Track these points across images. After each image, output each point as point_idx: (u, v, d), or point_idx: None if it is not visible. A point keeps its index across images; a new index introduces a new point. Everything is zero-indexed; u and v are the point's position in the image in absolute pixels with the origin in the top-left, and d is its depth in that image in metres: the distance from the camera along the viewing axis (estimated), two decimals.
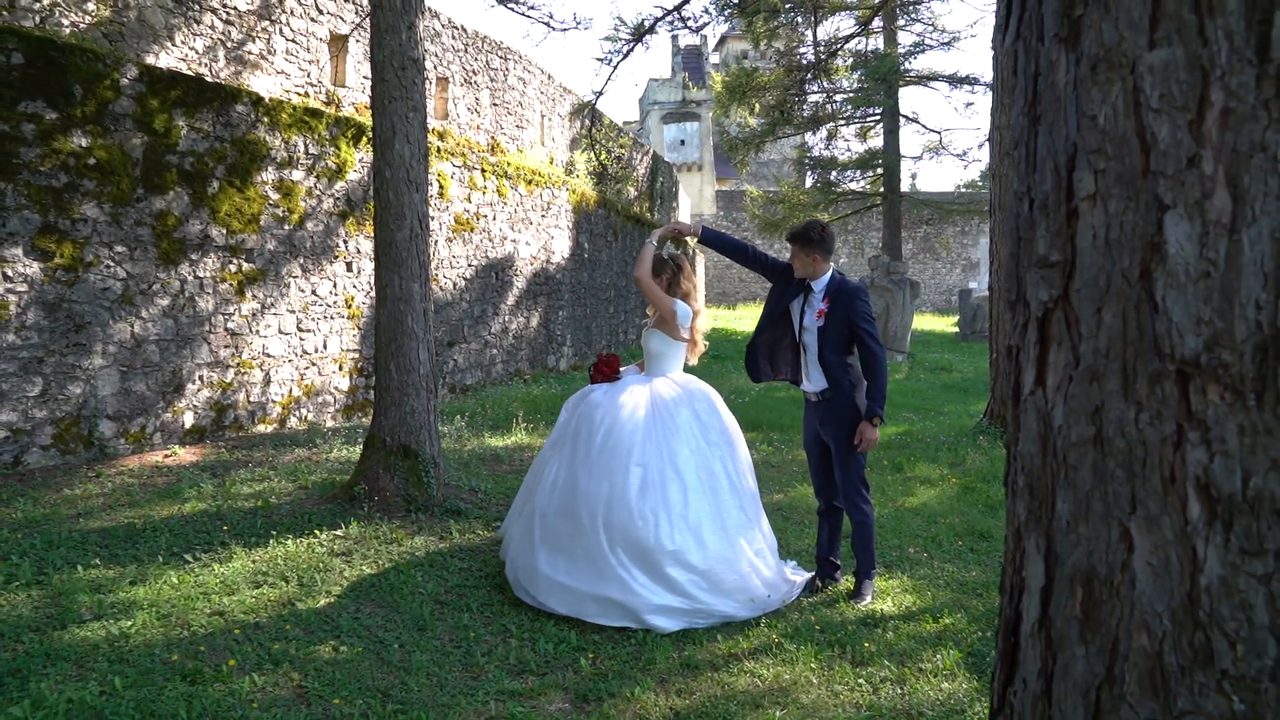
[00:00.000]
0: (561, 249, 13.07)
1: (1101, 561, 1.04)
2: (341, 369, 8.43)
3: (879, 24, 20.02)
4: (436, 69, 10.47)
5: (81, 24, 6.42)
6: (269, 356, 7.61)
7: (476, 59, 11.34)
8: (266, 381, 7.59)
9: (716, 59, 45.03)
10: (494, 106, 11.79)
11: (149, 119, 6.46)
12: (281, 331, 7.74)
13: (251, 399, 7.45)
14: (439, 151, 9.77)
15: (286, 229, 7.73)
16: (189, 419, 6.90)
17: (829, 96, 21.55)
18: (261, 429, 7.54)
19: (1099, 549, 1.04)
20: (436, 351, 8.44)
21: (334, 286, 8.31)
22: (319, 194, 8.07)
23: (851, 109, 21.90)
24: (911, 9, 20.38)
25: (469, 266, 10.53)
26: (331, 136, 8.16)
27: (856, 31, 19.23)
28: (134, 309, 6.43)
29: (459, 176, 10.24)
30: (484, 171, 10.75)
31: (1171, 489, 0.97)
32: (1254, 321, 0.91)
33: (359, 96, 9.06)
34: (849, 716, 3.16)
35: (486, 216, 10.84)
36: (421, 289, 5.53)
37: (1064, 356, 1.09)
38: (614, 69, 12.30)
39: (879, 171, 22.18)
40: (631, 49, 12.07)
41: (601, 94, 12.89)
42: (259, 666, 3.32)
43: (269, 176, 7.52)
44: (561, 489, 4.07)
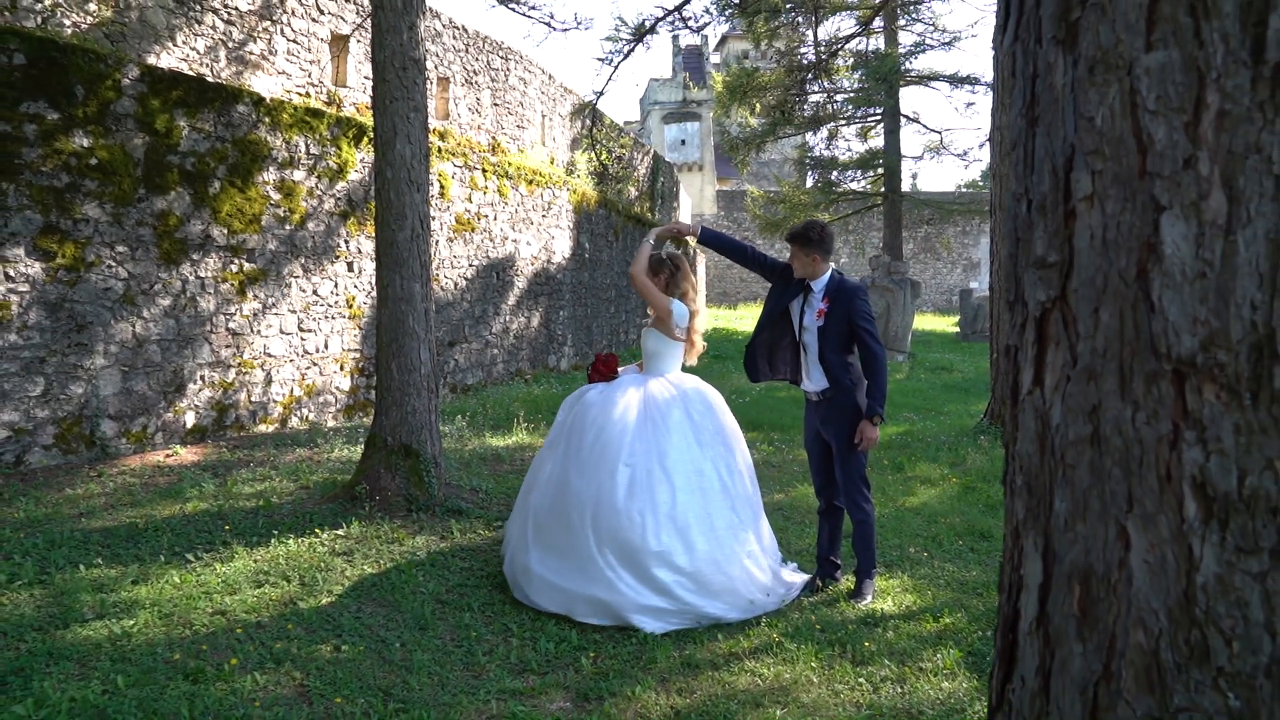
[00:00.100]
0: (562, 249, 13.08)
1: (1099, 559, 1.05)
2: (343, 369, 8.44)
3: (880, 24, 20.03)
4: (437, 69, 10.48)
5: (83, 24, 6.43)
6: (270, 356, 7.62)
7: (477, 59, 11.35)
8: (268, 381, 7.60)
9: (717, 59, 45.03)
10: (495, 106, 11.80)
11: (150, 119, 6.47)
12: (283, 331, 7.75)
13: (253, 399, 7.46)
14: (440, 152, 9.78)
15: (288, 229, 7.74)
16: (190, 419, 6.91)
17: (830, 96, 21.56)
18: (263, 429, 7.55)
19: (1096, 547, 1.05)
20: (437, 351, 8.45)
21: (335, 286, 8.32)
22: (320, 194, 8.08)
23: (852, 109, 21.91)
24: (912, 9, 20.37)
25: (470, 266, 10.54)
26: (333, 136, 8.17)
27: (857, 31, 19.23)
28: (135, 309, 6.44)
29: (460, 176, 10.25)
30: (485, 171, 10.76)
31: (1168, 488, 0.98)
32: (1249, 321, 0.92)
33: (360, 97, 9.07)
34: (849, 715, 3.16)
35: (487, 216, 10.85)
36: (423, 289, 5.54)
37: (1062, 356, 1.10)
38: (615, 69, 12.31)
39: (880, 171, 22.18)
40: (632, 49, 12.08)
41: (602, 94, 12.90)
42: (261, 665, 3.33)
43: (270, 177, 7.54)
44: (554, 488, 4.08)
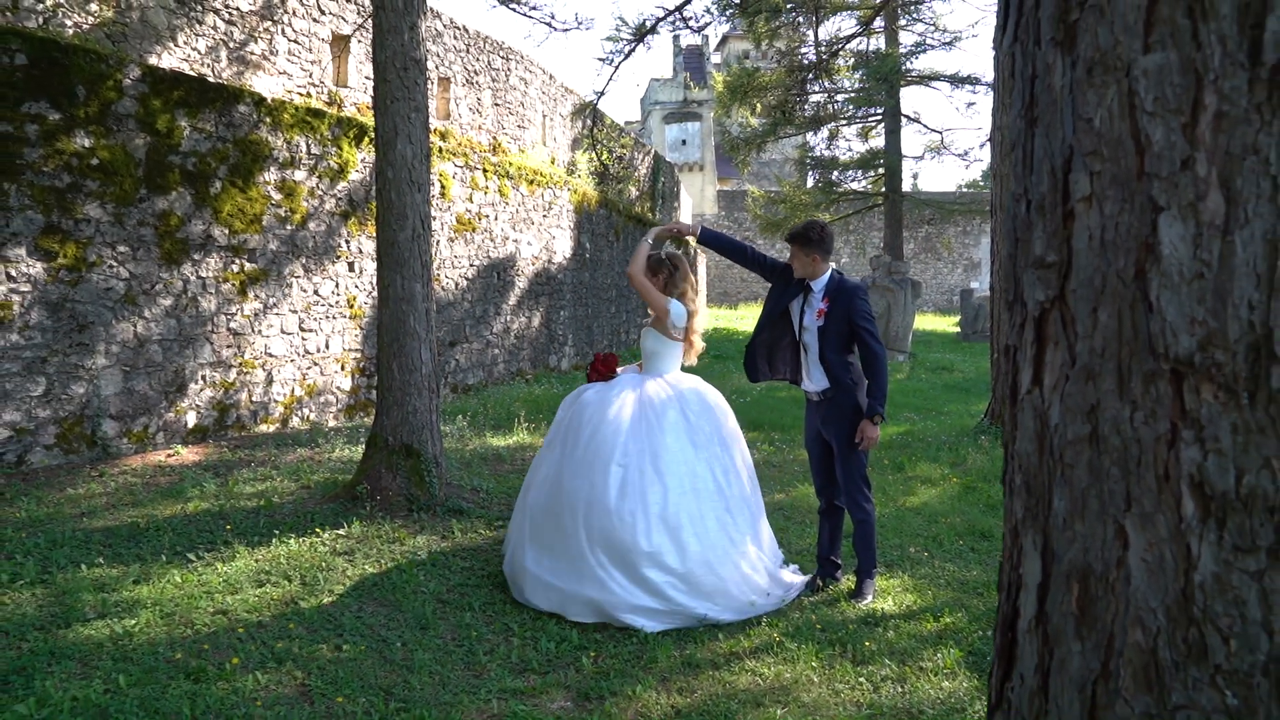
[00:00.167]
0: (563, 249, 13.08)
1: (1097, 558, 1.05)
2: (343, 369, 8.45)
3: (880, 24, 20.02)
4: (438, 69, 10.48)
5: (84, 25, 6.44)
6: (271, 356, 7.63)
7: (478, 59, 11.35)
8: (269, 381, 7.61)
9: (718, 59, 45.02)
10: (496, 107, 11.80)
11: (151, 119, 6.48)
12: (284, 331, 7.75)
13: (254, 399, 7.47)
14: (441, 152, 9.79)
15: (289, 229, 7.75)
16: (191, 419, 6.92)
17: (830, 96, 21.56)
18: (264, 428, 7.56)
19: (1095, 546, 1.05)
20: (438, 351, 8.46)
21: (336, 286, 8.33)
22: (321, 194, 8.09)
23: (853, 109, 21.91)
24: (913, 9, 20.37)
25: (471, 266, 10.54)
26: (333, 137, 8.17)
27: (858, 31, 19.23)
28: (137, 309, 6.45)
29: (461, 177, 10.25)
30: (486, 172, 10.77)
31: (1166, 487, 0.98)
32: (1246, 322, 0.92)
33: (361, 97, 9.07)
34: (850, 715, 3.17)
35: (488, 216, 10.86)
36: (424, 289, 5.54)
37: (1060, 356, 1.10)
38: (615, 69, 12.31)
39: (880, 171, 22.17)
40: (633, 49, 12.08)
41: (603, 94, 12.90)
42: (262, 665, 3.34)
43: (271, 177, 7.54)
44: (549, 488, 4.10)
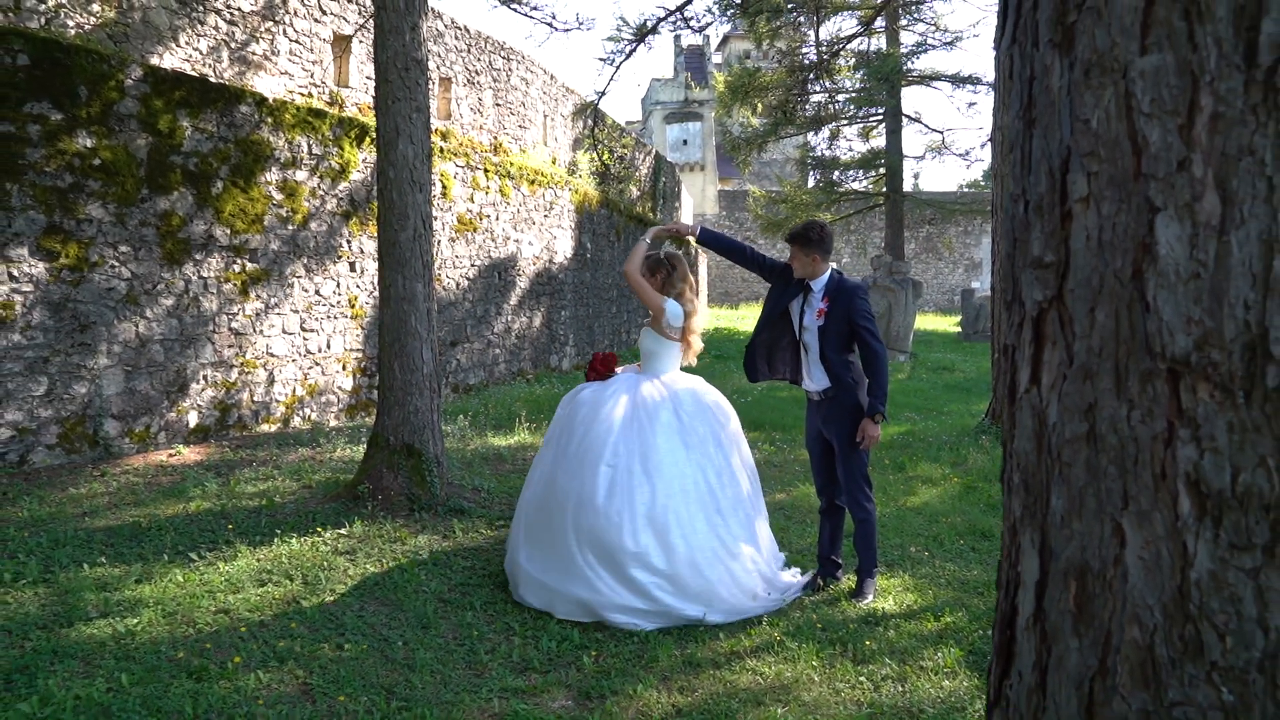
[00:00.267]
0: (564, 249, 13.09)
1: (1095, 556, 1.06)
2: (345, 369, 8.46)
3: (881, 24, 20.02)
4: (439, 69, 10.49)
5: (86, 25, 6.45)
6: (273, 356, 7.64)
7: (479, 59, 11.36)
8: (270, 381, 7.62)
9: (719, 59, 45.03)
10: (497, 107, 11.81)
11: (153, 119, 6.49)
12: (285, 331, 7.77)
13: (255, 398, 7.48)
14: (442, 152, 9.80)
15: (290, 229, 7.76)
16: (193, 418, 6.93)
17: (831, 96, 21.56)
18: (265, 428, 7.57)
19: (1092, 544, 1.06)
20: (440, 351, 8.47)
21: (337, 286, 8.34)
22: (322, 194, 8.10)
23: (854, 109, 21.91)
24: (914, 9, 20.37)
25: (472, 266, 10.55)
26: (335, 137, 8.18)
27: (859, 31, 19.24)
28: (138, 309, 6.46)
29: (462, 177, 10.26)
30: (487, 172, 10.77)
31: (1162, 485, 0.99)
32: (1242, 321, 0.93)
33: (362, 97, 9.08)
34: (850, 714, 3.17)
35: (489, 216, 10.86)
36: (425, 289, 5.55)
37: (1058, 355, 1.11)
38: (616, 69, 12.32)
39: (881, 171, 22.17)
40: (634, 49, 12.09)
41: (604, 94, 12.90)
42: (264, 664, 3.35)
43: (273, 177, 7.55)
44: (542, 486, 4.12)
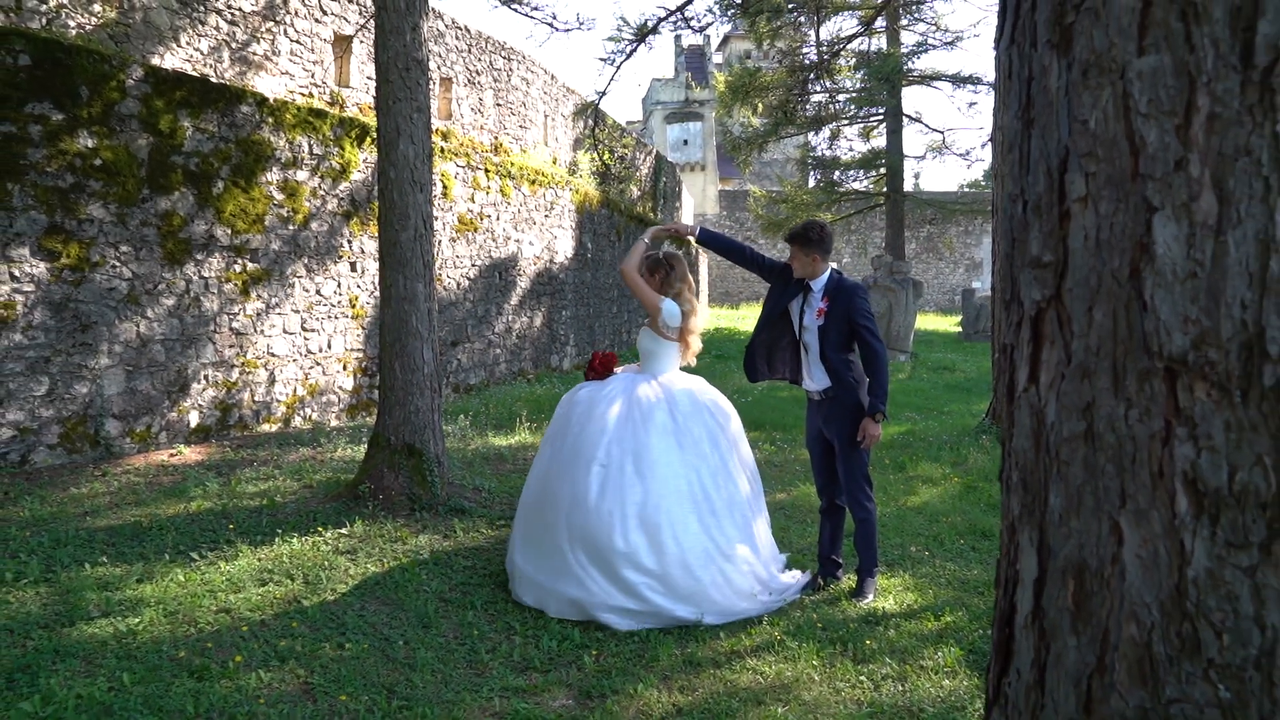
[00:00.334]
0: (565, 249, 13.10)
1: (1092, 554, 1.06)
2: (345, 368, 8.46)
3: (882, 24, 20.01)
4: (440, 69, 10.50)
5: (87, 25, 6.46)
6: (274, 356, 7.65)
7: (480, 59, 11.37)
8: (271, 381, 7.63)
9: (719, 59, 45.03)
10: (497, 107, 11.82)
11: (154, 120, 6.50)
12: (286, 331, 7.77)
13: (256, 398, 7.49)
14: (443, 152, 9.81)
15: (291, 229, 7.77)
16: (194, 418, 6.94)
17: (832, 96, 21.56)
18: (266, 428, 7.58)
19: (1090, 542, 1.07)
20: (440, 351, 8.47)
21: (338, 286, 8.35)
22: (323, 194, 8.11)
23: (854, 109, 21.91)
24: (914, 9, 20.36)
25: (473, 266, 10.56)
26: (336, 137, 8.19)
27: (859, 31, 19.23)
28: (140, 309, 6.47)
29: (463, 177, 10.27)
30: (488, 172, 10.78)
31: (1160, 483, 1.00)
32: (1239, 320, 0.93)
33: (363, 97, 9.09)
34: (850, 713, 3.18)
35: (490, 216, 10.87)
36: (426, 289, 5.56)
37: (1056, 354, 1.11)
38: (617, 69, 12.32)
39: (882, 171, 22.17)
40: (634, 49, 12.09)
41: (604, 94, 12.89)
42: (265, 663, 3.35)
43: (274, 177, 7.56)
44: (538, 485, 4.13)
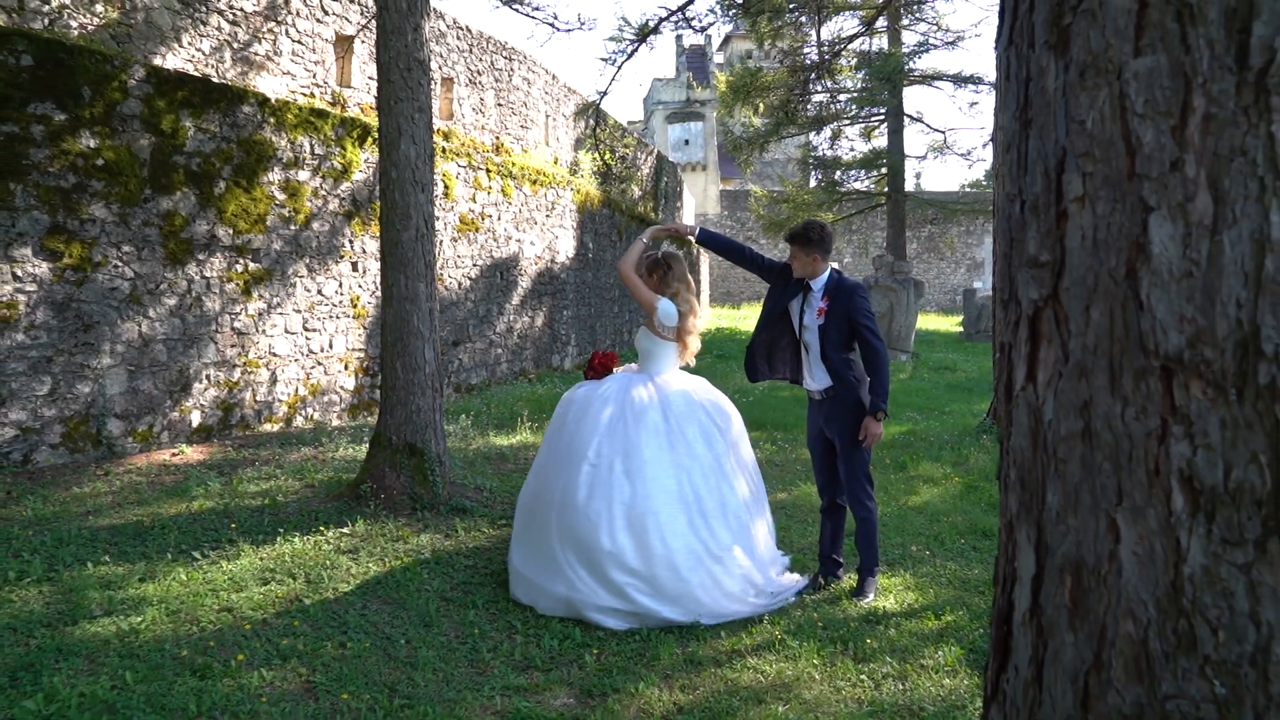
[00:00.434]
0: (566, 249, 13.10)
1: (1090, 551, 1.07)
2: (347, 368, 8.47)
3: (883, 24, 20.01)
4: (441, 69, 10.51)
5: (89, 26, 6.47)
6: (275, 356, 7.66)
7: (481, 59, 11.38)
8: (273, 381, 7.64)
9: (721, 59, 45.02)
10: (499, 107, 11.83)
11: (156, 120, 6.51)
12: (288, 331, 7.78)
13: (258, 398, 7.50)
14: (444, 152, 9.82)
15: (293, 229, 7.78)
16: (196, 418, 6.95)
17: (833, 96, 21.58)
18: (268, 428, 7.59)
19: (1087, 539, 1.07)
20: (442, 351, 8.48)
21: (340, 286, 8.36)
22: (325, 194, 8.12)
23: (856, 109, 21.92)
24: (916, 9, 20.36)
25: (474, 266, 10.57)
26: (337, 137, 8.20)
27: (860, 31, 19.23)
28: (141, 309, 6.48)
29: (464, 177, 10.28)
30: (489, 172, 10.79)
31: (1156, 481, 1.00)
32: (1235, 319, 0.94)
33: (364, 97, 9.10)
34: (851, 712, 3.19)
35: (491, 216, 10.88)
36: (427, 289, 5.57)
37: (1054, 353, 1.12)
38: (618, 69, 12.34)
39: (883, 171, 22.17)
40: (635, 49, 12.10)
41: (605, 94, 12.92)
42: (267, 662, 3.36)
43: (275, 177, 7.57)
44: (534, 484, 4.15)
